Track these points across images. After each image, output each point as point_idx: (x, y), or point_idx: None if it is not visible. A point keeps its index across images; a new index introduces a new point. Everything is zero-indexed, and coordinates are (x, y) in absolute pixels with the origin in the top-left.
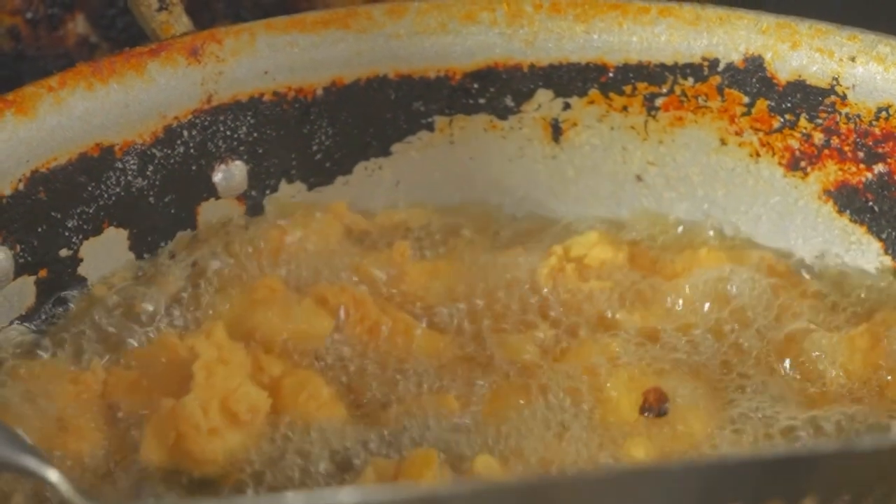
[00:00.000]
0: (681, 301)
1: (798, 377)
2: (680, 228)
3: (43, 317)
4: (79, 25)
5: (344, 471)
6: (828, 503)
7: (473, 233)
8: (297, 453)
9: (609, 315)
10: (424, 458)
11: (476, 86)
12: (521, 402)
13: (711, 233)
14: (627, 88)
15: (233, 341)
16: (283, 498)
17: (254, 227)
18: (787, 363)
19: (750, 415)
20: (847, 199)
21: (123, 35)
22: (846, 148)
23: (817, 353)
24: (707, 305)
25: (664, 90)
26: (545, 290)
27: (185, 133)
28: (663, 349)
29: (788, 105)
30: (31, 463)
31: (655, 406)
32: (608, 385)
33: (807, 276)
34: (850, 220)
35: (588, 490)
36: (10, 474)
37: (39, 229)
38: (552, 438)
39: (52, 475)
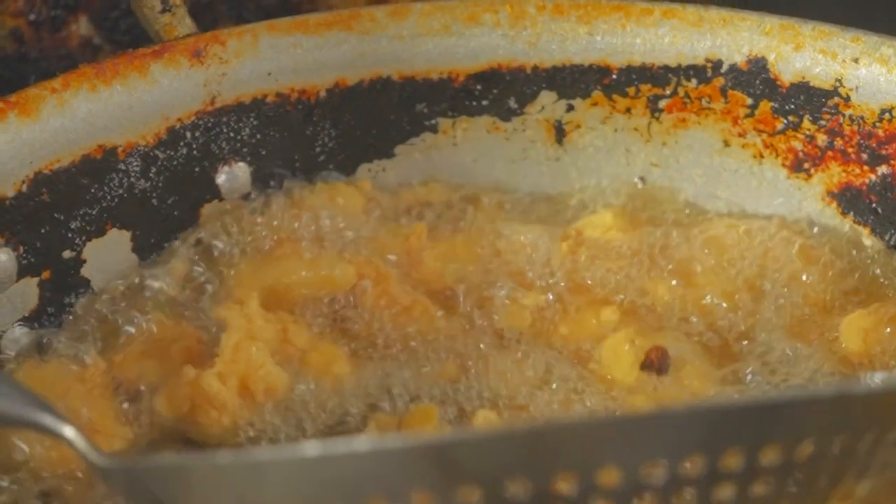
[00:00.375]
0: (697, 268)
1: (801, 346)
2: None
3: (46, 318)
4: (82, 27)
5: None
6: (825, 446)
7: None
8: (303, 413)
9: (620, 291)
10: (425, 412)
11: (479, 87)
12: (525, 363)
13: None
14: (631, 90)
15: (263, 311)
16: (299, 447)
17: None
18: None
19: (754, 375)
20: (851, 201)
21: (127, 37)
22: (850, 150)
23: (826, 329)
24: (719, 274)
25: (667, 92)
26: (557, 266)
27: (189, 134)
28: (668, 316)
29: (792, 107)
30: (48, 420)
31: (657, 363)
32: (609, 345)
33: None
34: (854, 222)
35: (593, 435)
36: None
37: (42, 231)
38: (553, 396)
39: (68, 431)
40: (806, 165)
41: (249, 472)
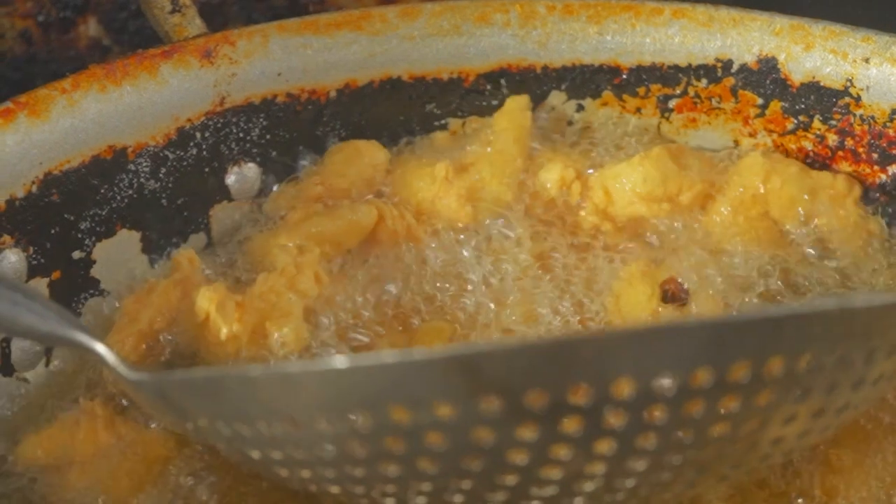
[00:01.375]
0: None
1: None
2: None
3: None
4: (91, 28)
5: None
6: (825, 357)
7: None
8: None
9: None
10: (437, 330)
11: (489, 87)
12: (543, 290)
13: None
14: (641, 90)
15: (317, 266)
16: (328, 360)
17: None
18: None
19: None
20: (861, 201)
21: (136, 38)
22: (860, 149)
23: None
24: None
25: (678, 92)
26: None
27: (198, 135)
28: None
29: (802, 106)
30: (81, 338)
31: (676, 294)
32: (624, 276)
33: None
34: None
35: (607, 348)
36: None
37: (52, 231)
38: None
39: (100, 348)
40: (816, 166)
41: (279, 384)
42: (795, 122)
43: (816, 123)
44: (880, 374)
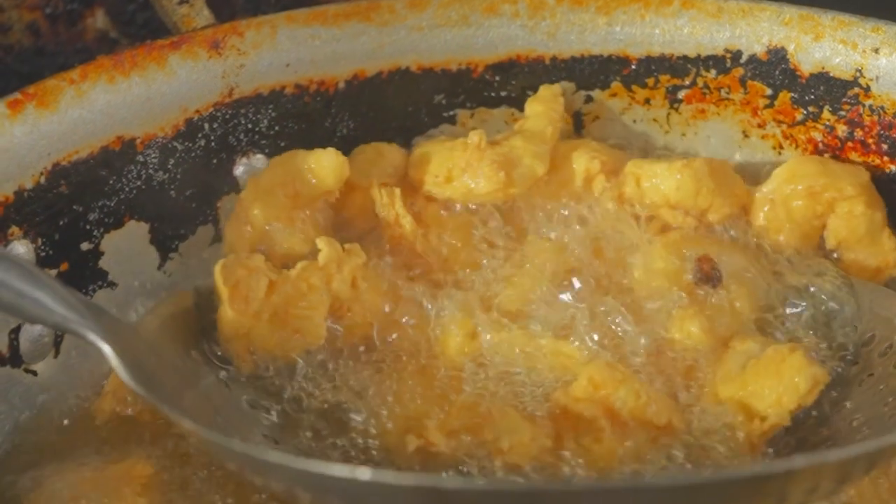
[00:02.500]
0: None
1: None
2: None
3: None
4: (98, 20)
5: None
6: None
7: None
8: None
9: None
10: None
11: (498, 78)
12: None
13: None
14: (650, 81)
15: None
16: (306, 461)
17: None
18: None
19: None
20: None
21: (143, 30)
22: (870, 140)
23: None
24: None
25: (687, 82)
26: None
27: (207, 126)
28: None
29: (811, 97)
30: (91, 337)
31: (710, 273)
32: (655, 246)
33: None
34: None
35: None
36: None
37: (61, 223)
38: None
39: (107, 350)
40: (826, 156)
41: (255, 464)
42: (805, 112)
43: (826, 114)
44: None
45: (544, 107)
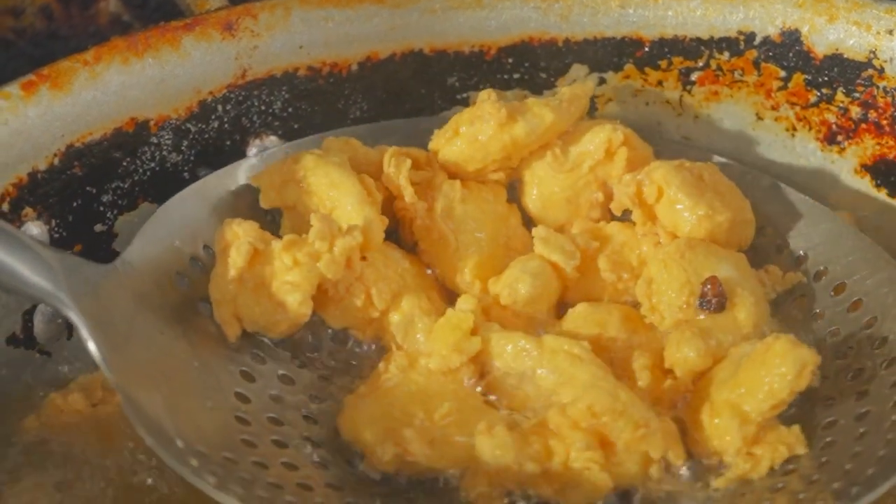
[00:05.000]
0: None
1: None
2: None
3: None
4: (111, 4)
5: None
6: None
7: None
8: None
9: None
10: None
11: (511, 60)
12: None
13: None
14: (663, 63)
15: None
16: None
17: None
18: None
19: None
20: (885, 174)
21: (156, 14)
22: (884, 122)
23: None
24: None
25: (700, 64)
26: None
27: (220, 108)
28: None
29: (825, 79)
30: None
31: (715, 296)
32: (660, 258)
33: None
34: (889, 195)
35: None
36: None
37: (74, 204)
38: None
39: (91, 346)
40: (839, 138)
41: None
42: (818, 94)
43: (839, 96)
44: None
45: (572, 91)
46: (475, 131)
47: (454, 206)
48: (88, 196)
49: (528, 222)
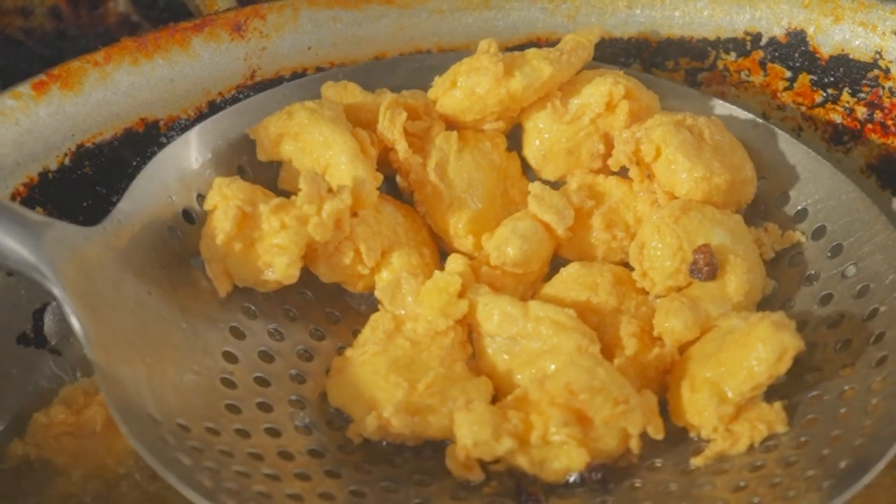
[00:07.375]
0: None
1: None
2: None
3: None
4: (119, 4)
5: None
6: None
7: None
8: None
9: None
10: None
11: None
12: None
13: None
14: (670, 63)
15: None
16: None
17: None
18: None
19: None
20: (890, 174)
21: (164, 14)
22: (889, 122)
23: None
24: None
25: (706, 65)
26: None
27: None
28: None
29: (831, 79)
30: (68, 311)
31: (707, 264)
32: (654, 222)
33: None
34: (894, 195)
35: None
36: None
37: (84, 204)
38: None
39: (77, 325)
40: (845, 138)
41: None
42: (824, 94)
43: (845, 96)
44: None
45: (575, 37)
46: (472, 84)
47: (448, 160)
48: (99, 196)
49: (529, 171)
